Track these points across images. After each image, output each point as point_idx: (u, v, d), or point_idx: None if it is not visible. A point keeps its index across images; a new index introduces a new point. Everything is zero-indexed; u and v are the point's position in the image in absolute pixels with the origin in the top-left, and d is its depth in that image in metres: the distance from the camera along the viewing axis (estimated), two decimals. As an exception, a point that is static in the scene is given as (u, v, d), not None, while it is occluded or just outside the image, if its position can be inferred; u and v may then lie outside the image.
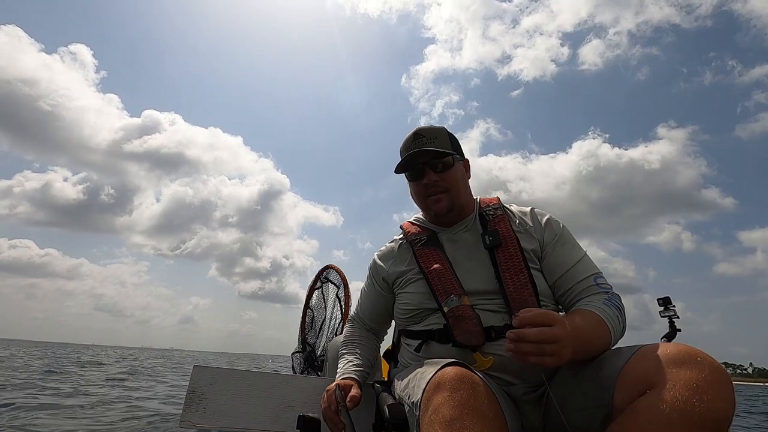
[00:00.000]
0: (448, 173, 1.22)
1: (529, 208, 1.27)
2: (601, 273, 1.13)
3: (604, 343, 0.95)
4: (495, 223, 1.21)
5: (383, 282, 1.32)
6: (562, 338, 0.81)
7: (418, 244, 1.25)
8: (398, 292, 1.27)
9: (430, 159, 1.21)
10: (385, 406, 1.03)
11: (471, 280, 1.13)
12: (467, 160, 1.32)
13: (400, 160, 1.25)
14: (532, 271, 1.11)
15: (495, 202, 1.30)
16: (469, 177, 1.31)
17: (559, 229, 1.20)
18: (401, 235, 1.35)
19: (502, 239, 1.16)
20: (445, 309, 1.10)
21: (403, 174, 1.29)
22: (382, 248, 1.38)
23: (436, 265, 1.17)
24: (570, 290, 1.11)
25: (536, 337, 0.80)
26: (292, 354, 2.49)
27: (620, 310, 1.04)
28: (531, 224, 1.21)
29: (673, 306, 1.75)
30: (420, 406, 0.83)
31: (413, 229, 1.32)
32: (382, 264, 1.33)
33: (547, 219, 1.22)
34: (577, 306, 1.06)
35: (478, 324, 1.06)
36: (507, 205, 1.30)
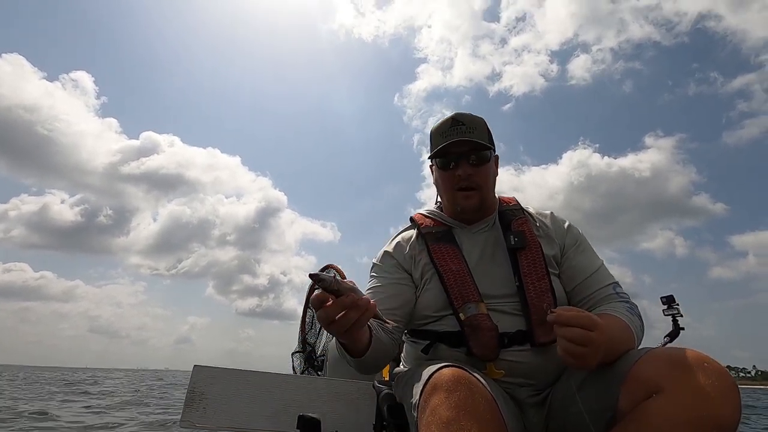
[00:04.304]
0: (482, 168, 1.16)
1: (549, 211, 1.24)
2: (619, 283, 1.11)
3: (627, 349, 0.91)
4: (519, 224, 1.17)
5: (402, 271, 1.17)
6: (596, 344, 0.80)
7: (433, 238, 1.18)
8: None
9: (467, 150, 1.15)
10: (385, 406, 1.02)
11: (488, 284, 1.09)
12: (497, 156, 1.24)
13: (430, 146, 1.19)
14: (551, 276, 1.09)
15: (514, 202, 1.26)
16: (497, 174, 1.24)
17: (579, 235, 1.19)
18: (412, 227, 1.27)
19: (527, 242, 1.12)
20: (462, 317, 1.05)
21: (430, 161, 1.21)
22: (392, 242, 1.25)
23: (452, 266, 1.11)
24: (589, 297, 1.09)
25: (571, 338, 0.79)
26: (292, 354, 2.47)
27: (641, 319, 1.03)
28: (551, 228, 1.19)
29: (677, 304, 1.74)
30: (418, 407, 0.83)
31: (427, 222, 1.24)
32: (398, 254, 1.20)
33: (569, 224, 1.21)
34: (600, 310, 1.03)
35: (495, 336, 1.02)
36: (525, 207, 1.26)
